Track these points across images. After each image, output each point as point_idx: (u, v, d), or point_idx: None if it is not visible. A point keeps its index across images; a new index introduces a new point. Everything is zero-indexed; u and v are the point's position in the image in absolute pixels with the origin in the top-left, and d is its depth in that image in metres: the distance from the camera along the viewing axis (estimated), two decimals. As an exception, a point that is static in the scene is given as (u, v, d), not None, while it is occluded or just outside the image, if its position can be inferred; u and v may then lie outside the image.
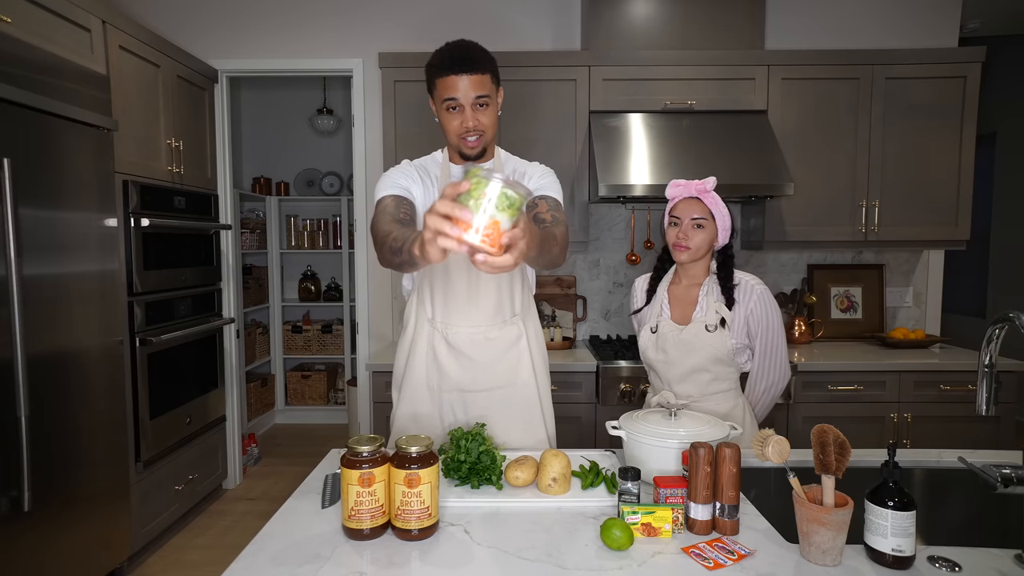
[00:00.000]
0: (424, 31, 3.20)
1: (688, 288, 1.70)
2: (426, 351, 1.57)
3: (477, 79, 1.39)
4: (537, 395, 1.60)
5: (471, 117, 1.41)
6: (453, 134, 1.45)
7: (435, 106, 1.47)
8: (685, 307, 1.68)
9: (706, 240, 1.62)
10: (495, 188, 0.82)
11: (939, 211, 2.86)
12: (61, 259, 2.08)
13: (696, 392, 1.65)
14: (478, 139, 1.45)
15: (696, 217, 1.60)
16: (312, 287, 4.80)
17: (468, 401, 1.58)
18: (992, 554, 1.04)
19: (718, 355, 1.62)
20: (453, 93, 1.39)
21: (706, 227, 1.61)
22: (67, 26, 2.21)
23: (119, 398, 2.40)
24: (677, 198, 1.65)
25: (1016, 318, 1.14)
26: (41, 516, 1.98)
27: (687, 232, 1.61)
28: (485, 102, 1.42)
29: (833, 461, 1.03)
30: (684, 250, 1.62)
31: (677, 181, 1.65)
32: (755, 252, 3.21)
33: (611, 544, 1.06)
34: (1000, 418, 2.61)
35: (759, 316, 1.62)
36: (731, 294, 1.62)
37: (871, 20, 3.16)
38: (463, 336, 1.54)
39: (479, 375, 1.55)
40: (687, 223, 1.61)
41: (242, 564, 1.03)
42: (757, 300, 1.61)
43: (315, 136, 4.85)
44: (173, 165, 2.86)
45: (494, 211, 0.83)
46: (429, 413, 1.58)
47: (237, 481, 3.51)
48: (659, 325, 1.68)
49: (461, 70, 1.38)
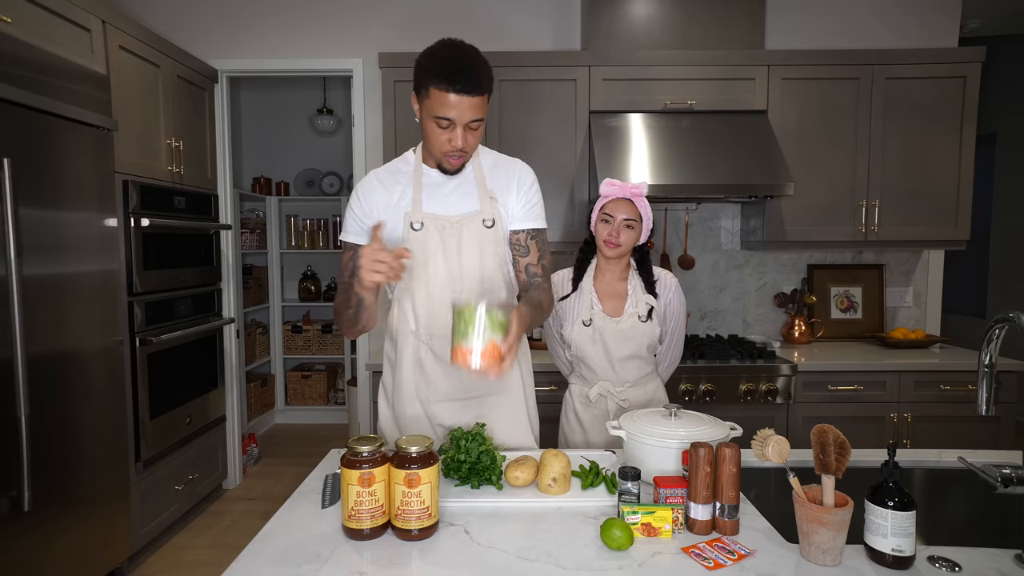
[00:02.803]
0: (424, 31, 3.19)
1: (613, 282, 1.81)
2: (413, 363, 1.53)
3: (477, 102, 1.32)
4: (524, 400, 1.61)
5: (461, 138, 1.35)
6: (438, 149, 1.39)
7: (420, 109, 1.39)
8: (614, 300, 1.80)
9: (633, 239, 1.75)
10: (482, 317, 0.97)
11: (939, 211, 2.86)
12: (61, 259, 2.08)
13: (631, 378, 1.80)
14: (461, 159, 1.42)
15: (627, 218, 1.72)
16: (312, 287, 4.80)
17: (458, 410, 1.55)
18: (992, 554, 1.04)
19: (649, 343, 1.77)
20: (450, 113, 1.32)
21: (635, 227, 1.74)
22: (67, 26, 2.21)
23: (119, 398, 2.39)
24: (610, 197, 1.75)
25: (1016, 318, 1.14)
26: (41, 516, 1.98)
27: (618, 231, 1.72)
28: (478, 125, 1.36)
29: (833, 461, 1.03)
30: (614, 247, 1.73)
31: (612, 181, 1.76)
32: (755, 252, 3.22)
33: (611, 544, 1.06)
34: (1000, 418, 2.61)
35: (676, 306, 1.81)
36: (654, 288, 1.78)
37: (871, 20, 3.16)
38: (448, 347, 1.50)
39: (468, 384, 1.52)
40: (619, 222, 1.72)
41: (242, 564, 1.03)
42: (675, 292, 1.80)
43: (315, 136, 4.85)
44: (173, 165, 2.86)
45: (488, 335, 0.98)
46: (417, 416, 1.56)
47: (237, 481, 3.51)
48: (592, 319, 1.77)
49: (463, 90, 1.29)
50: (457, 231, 1.44)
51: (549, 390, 2.61)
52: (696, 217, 3.20)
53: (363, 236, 1.50)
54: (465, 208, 1.46)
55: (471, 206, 1.46)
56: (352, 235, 1.52)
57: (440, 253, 1.45)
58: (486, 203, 1.46)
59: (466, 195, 1.47)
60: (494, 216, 1.46)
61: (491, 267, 1.48)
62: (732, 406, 2.57)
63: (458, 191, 1.48)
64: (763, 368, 2.58)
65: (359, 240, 1.50)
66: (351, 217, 1.52)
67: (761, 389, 2.57)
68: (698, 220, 3.21)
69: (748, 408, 2.58)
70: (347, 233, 1.53)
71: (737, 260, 3.23)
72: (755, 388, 2.57)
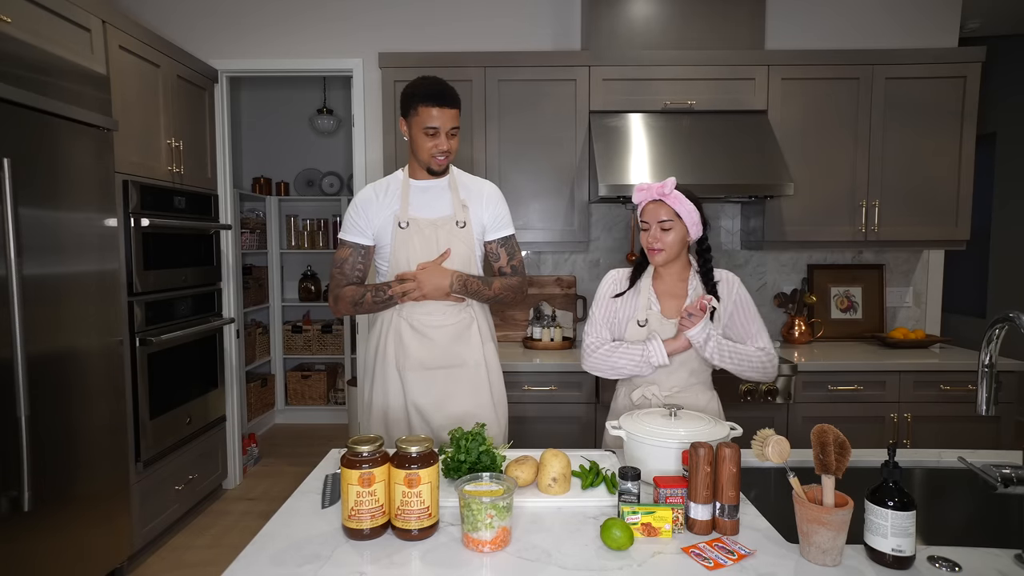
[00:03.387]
0: (424, 31, 3.20)
1: (673, 283, 1.72)
2: (392, 335, 1.84)
3: (453, 113, 1.76)
4: (487, 379, 1.87)
5: (445, 142, 1.76)
6: (426, 153, 1.77)
7: (408, 128, 1.80)
8: (674, 300, 1.71)
9: (677, 240, 1.64)
10: (489, 507, 1.04)
11: (939, 211, 2.86)
12: (61, 259, 2.08)
13: (680, 384, 1.69)
14: (446, 159, 1.79)
15: (662, 220, 1.63)
16: (312, 287, 4.80)
17: (428, 378, 1.82)
18: (992, 554, 1.04)
19: None
20: (434, 123, 1.74)
21: (674, 227, 1.63)
22: (67, 26, 2.21)
23: (119, 398, 2.39)
24: (643, 202, 1.68)
25: (1016, 318, 1.14)
26: (41, 516, 1.98)
27: (657, 236, 1.64)
28: (455, 132, 1.79)
29: (833, 461, 1.03)
30: (657, 252, 1.65)
31: (641, 185, 1.68)
32: (755, 252, 3.22)
33: (611, 544, 1.06)
34: (1000, 418, 2.61)
35: (744, 300, 1.70)
36: (715, 290, 1.68)
37: (871, 20, 3.16)
38: (423, 320, 1.82)
39: (437, 353, 1.82)
40: (655, 227, 1.64)
41: (242, 564, 1.03)
42: (739, 288, 1.71)
43: (315, 136, 4.85)
44: (173, 165, 2.86)
45: (499, 522, 1.06)
46: (396, 391, 1.85)
47: (237, 481, 3.51)
48: (649, 319, 1.69)
49: (443, 104, 1.74)
50: (434, 229, 1.81)
51: (549, 390, 2.61)
52: (696, 217, 3.20)
53: (360, 236, 1.85)
54: (441, 212, 1.84)
55: (447, 211, 1.84)
56: (351, 235, 1.86)
57: (422, 246, 1.81)
58: (459, 208, 1.84)
59: (443, 203, 1.85)
60: (465, 219, 1.84)
61: (462, 256, 1.83)
62: (732, 406, 2.56)
63: (437, 199, 1.85)
64: (763, 368, 2.58)
65: (356, 239, 1.86)
66: (350, 220, 1.86)
67: (761, 389, 2.57)
68: (698, 220, 3.21)
69: (748, 408, 2.58)
70: (347, 233, 1.87)
71: (737, 260, 3.23)
72: (755, 388, 2.57)
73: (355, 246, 1.86)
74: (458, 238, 1.82)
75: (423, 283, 1.75)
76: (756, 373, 1.68)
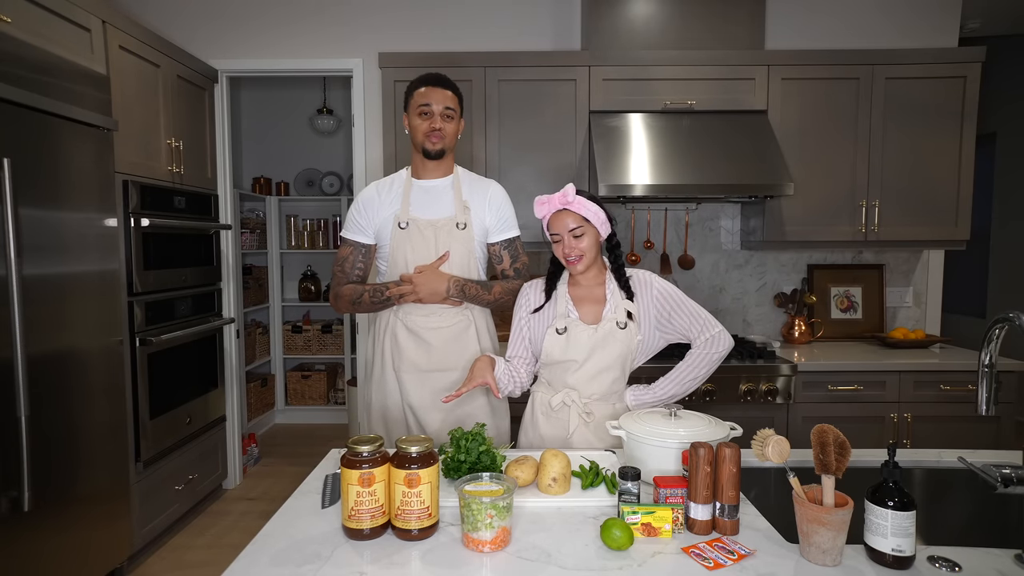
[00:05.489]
0: (424, 31, 3.20)
1: (591, 288, 1.68)
2: (389, 336, 1.84)
3: (448, 94, 1.77)
4: None
5: (438, 121, 1.76)
6: (421, 133, 1.77)
7: (408, 118, 1.81)
8: (592, 306, 1.66)
9: (591, 244, 1.61)
10: (489, 507, 1.04)
11: (939, 211, 2.86)
12: (61, 259, 2.08)
13: (600, 391, 1.65)
14: (439, 139, 1.77)
15: (572, 228, 1.59)
16: (312, 287, 4.80)
17: (422, 380, 1.81)
18: (992, 554, 1.04)
19: (625, 352, 1.63)
20: (428, 100, 1.75)
21: (586, 232, 1.60)
22: (67, 26, 2.21)
23: (119, 398, 2.39)
24: (547, 215, 1.63)
25: (1016, 318, 1.14)
26: (41, 516, 1.98)
27: (571, 244, 1.60)
28: (451, 115, 1.78)
29: (833, 461, 1.03)
30: (577, 261, 1.61)
31: (541, 198, 1.63)
32: (755, 252, 3.22)
33: (611, 544, 1.06)
34: (1000, 418, 2.61)
35: (666, 293, 1.64)
36: (629, 288, 1.65)
37: (871, 20, 3.15)
38: (419, 322, 1.81)
39: (433, 356, 1.81)
40: (567, 236, 1.60)
41: (242, 564, 1.03)
42: (658, 284, 1.64)
43: (315, 136, 4.85)
44: (173, 165, 2.85)
45: (499, 522, 1.06)
46: (393, 392, 1.84)
47: (237, 481, 3.51)
48: (568, 327, 1.63)
49: (436, 84, 1.77)
50: (434, 231, 1.79)
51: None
52: (696, 217, 3.20)
53: (361, 235, 1.85)
54: (442, 213, 1.82)
55: (447, 212, 1.82)
56: (352, 234, 1.86)
57: (421, 247, 1.79)
58: (460, 210, 1.82)
59: (444, 204, 1.83)
60: (466, 221, 1.82)
61: (461, 258, 1.81)
62: (732, 406, 2.57)
63: (439, 200, 1.83)
64: (763, 368, 2.58)
65: (357, 238, 1.86)
66: (351, 219, 1.86)
67: (761, 389, 2.57)
68: (698, 220, 3.21)
69: (748, 408, 2.58)
70: (348, 231, 1.87)
71: (737, 260, 3.23)
72: (755, 388, 2.57)
73: (356, 245, 1.86)
74: (457, 240, 1.80)
75: (419, 287, 1.74)
76: (712, 366, 1.63)
